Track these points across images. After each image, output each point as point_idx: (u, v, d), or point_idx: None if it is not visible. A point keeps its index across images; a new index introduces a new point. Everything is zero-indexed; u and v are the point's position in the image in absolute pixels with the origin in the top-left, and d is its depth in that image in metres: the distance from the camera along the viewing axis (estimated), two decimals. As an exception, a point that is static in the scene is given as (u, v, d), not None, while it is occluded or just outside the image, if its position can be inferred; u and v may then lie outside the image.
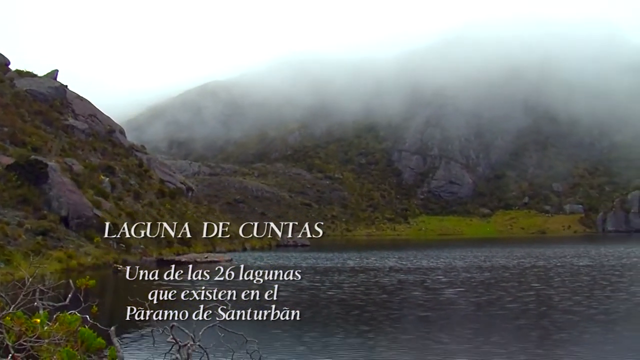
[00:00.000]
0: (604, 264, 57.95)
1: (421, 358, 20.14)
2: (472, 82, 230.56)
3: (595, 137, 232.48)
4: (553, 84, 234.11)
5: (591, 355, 20.21)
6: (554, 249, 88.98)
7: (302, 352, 20.34)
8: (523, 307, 30.87)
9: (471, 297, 35.08)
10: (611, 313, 28.70)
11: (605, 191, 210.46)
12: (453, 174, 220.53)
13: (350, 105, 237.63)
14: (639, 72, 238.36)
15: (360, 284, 41.01)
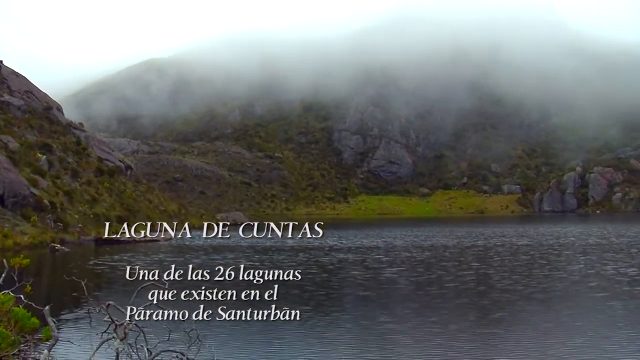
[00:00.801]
0: (542, 243, 58.47)
1: (361, 338, 19.80)
2: (418, 62, 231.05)
3: (533, 119, 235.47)
4: (499, 66, 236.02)
5: (530, 333, 20.18)
6: (493, 228, 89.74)
7: (240, 333, 19.86)
8: (463, 286, 30.82)
9: (411, 277, 34.94)
10: (549, 292, 28.83)
11: (542, 172, 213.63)
12: (393, 154, 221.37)
13: (298, 83, 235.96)
14: (581, 56, 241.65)
15: (300, 263, 40.58)
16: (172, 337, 11.67)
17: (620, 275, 33.80)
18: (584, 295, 27.63)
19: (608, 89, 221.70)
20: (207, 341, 12.10)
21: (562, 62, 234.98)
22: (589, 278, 33.08)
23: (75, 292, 14.53)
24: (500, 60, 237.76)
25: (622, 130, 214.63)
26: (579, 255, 46.73)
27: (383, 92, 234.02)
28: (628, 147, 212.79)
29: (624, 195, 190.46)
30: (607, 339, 19.06)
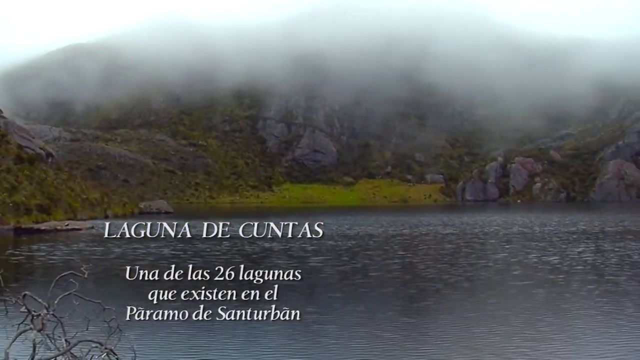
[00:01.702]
0: (467, 232, 58.90)
1: (284, 329, 19.32)
2: (350, 50, 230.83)
3: (457, 110, 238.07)
4: (429, 57, 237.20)
5: (455, 322, 19.98)
6: (418, 217, 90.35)
7: (160, 324, 19.26)
8: (388, 275, 30.66)
9: (337, 265, 34.56)
10: (474, 280, 28.85)
11: (465, 162, 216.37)
12: (317, 143, 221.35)
13: (231, 70, 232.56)
14: (507, 49, 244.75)
15: (224, 252, 39.95)
16: (92, 328, 11.06)
17: (543, 264, 34.05)
18: (508, 284, 27.63)
19: (532, 82, 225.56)
20: (127, 331, 11.56)
21: (489, 54, 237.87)
22: (512, 266, 33.24)
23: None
24: (430, 52, 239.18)
25: (543, 122, 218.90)
26: (503, 243, 47.13)
27: (311, 80, 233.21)
28: (548, 138, 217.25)
29: (543, 185, 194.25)
30: (532, 327, 19.05)
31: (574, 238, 50.70)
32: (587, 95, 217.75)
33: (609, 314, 21.03)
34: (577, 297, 24.43)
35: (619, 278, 28.72)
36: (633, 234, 55.64)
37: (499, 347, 16.74)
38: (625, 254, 38.34)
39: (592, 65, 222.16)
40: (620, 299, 23.61)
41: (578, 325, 19.35)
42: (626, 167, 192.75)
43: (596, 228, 62.56)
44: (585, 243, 46.05)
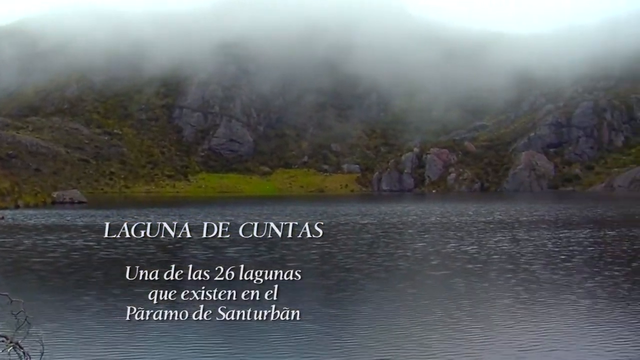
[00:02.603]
0: (385, 222, 59.14)
1: (204, 322, 18.91)
2: (274, 39, 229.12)
3: (373, 101, 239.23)
4: (352, 47, 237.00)
5: (374, 312, 19.92)
6: (336, 207, 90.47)
7: (73, 318, 18.74)
8: (306, 265, 30.37)
9: (254, 256, 34.16)
10: (392, 270, 28.91)
11: (382, 152, 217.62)
12: (234, 132, 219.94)
13: (156, 57, 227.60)
14: (427, 41, 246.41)
15: (139, 243, 39.18)
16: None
17: (461, 253, 34.36)
18: (427, 273, 27.74)
19: (451, 74, 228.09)
20: (36, 324, 11.18)
21: (410, 46, 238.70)
22: (431, 256, 33.43)
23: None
24: (354, 42, 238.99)
25: (460, 114, 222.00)
26: (422, 233, 47.45)
27: (232, 69, 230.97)
28: (463, 129, 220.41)
29: (458, 176, 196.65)
30: (451, 316, 19.13)
31: (490, 228, 51.38)
32: (503, 88, 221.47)
33: (526, 302, 21.33)
34: (494, 286, 24.69)
35: (534, 267, 29.17)
36: (547, 223, 56.72)
37: (419, 336, 16.71)
38: (540, 243, 38.99)
39: (508, 59, 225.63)
40: (536, 287, 23.98)
41: (496, 314, 19.49)
42: (537, 158, 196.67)
43: (511, 218, 63.57)
44: (501, 232, 46.68)
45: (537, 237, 42.99)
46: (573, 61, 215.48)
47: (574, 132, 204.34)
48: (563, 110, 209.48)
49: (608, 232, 46.40)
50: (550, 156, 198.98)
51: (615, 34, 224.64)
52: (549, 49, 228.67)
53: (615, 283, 24.94)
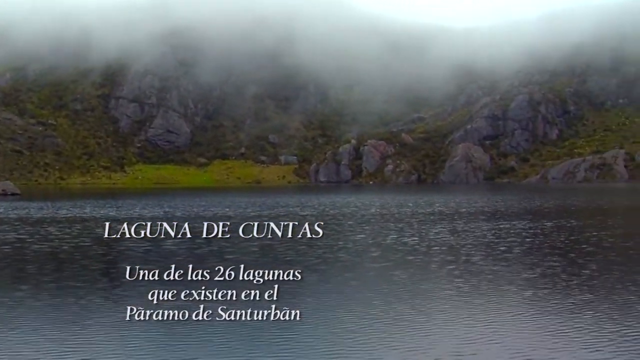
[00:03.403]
0: (325, 213, 59.03)
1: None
2: (219, 29, 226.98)
3: (310, 92, 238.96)
4: (296, 38, 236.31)
5: (315, 305, 19.63)
6: (275, 198, 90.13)
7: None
8: (245, 257, 30.01)
9: (193, 249, 33.65)
10: (333, 262, 28.62)
11: (319, 144, 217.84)
12: (171, 123, 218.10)
13: (102, 45, 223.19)
14: (370, 34, 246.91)
15: (75, 236, 38.46)
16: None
17: (402, 245, 34.34)
18: (368, 266, 27.57)
19: (392, 67, 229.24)
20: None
21: (352, 38, 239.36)
22: (371, 248, 33.33)
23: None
24: (298, 33, 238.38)
25: (399, 106, 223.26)
26: (362, 225, 47.38)
27: (166, 60, 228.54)
28: (401, 121, 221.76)
29: (395, 167, 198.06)
30: (394, 309, 18.99)
31: (430, 219, 51.60)
32: (443, 81, 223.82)
33: (467, 293, 21.27)
34: (436, 277, 24.69)
35: (475, 258, 29.25)
36: (486, 214, 57.20)
37: (360, 329, 16.55)
38: (480, 234, 39.23)
39: (449, 52, 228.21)
40: (477, 278, 24.01)
41: (438, 305, 19.42)
42: (474, 150, 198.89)
43: (451, 209, 64.01)
44: (441, 224, 46.89)
45: (476, 228, 43.27)
46: (510, 55, 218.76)
47: (510, 125, 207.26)
48: (499, 104, 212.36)
49: (546, 223, 46.95)
50: (486, 148, 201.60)
51: (552, 29, 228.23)
52: (488, 42, 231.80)
53: (555, 273, 25.14)
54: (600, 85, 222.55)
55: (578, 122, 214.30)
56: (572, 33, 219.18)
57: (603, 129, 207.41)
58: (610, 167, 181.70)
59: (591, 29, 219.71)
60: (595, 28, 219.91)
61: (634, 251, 32.93)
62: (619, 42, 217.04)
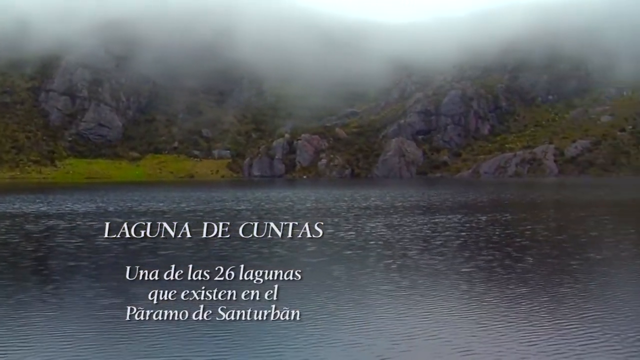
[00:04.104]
0: (261, 207, 58.78)
1: (67, 311, 18.26)
2: (158, 21, 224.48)
3: (245, 86, 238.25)
4: (234, 32, 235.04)
5: (249, 300, 19.31)
6: (210, 193, 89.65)
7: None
8: (180, 253, 29.66)
9: (127, 245, 33.09)
10: (269, 258, 28.20)
11: (253, 138, 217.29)
12: (103, 117, 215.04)
13: (39, 36, 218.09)
14: (306, 28, 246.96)
15: (3, 233, 37.59)
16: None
17: (339, 239, 34.24)
18: (303, 260, 27.31)
19: (327, 61, 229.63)
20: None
21: (289, 33, 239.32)
22: (308, 242, 33.13)
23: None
24: (235, 27, 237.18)
25: (334, 100, 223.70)
26: (299, 219, 47.22)
27: (98, 52, 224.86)
28: (334, 115, 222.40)
29: (329, 162, 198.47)
30: (332, 302, 18.99)
31: (367, 213, 51.70)
32: (378, 76, 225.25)
33: (405, 287, 21.32)
34: (373, 272, 24.60)
35: (412, 252, 29.33)
36: (421, 208, 57.56)
37: (298, 324, 16.40)
38: (417, 229, 39.42)
39: (384, 48, 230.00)
40: (414, 272, 24.12)
41: (376, 300, 19.37)
42: (407, 145, 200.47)
43: (387, 203, 64.29)
44: (377, 218, 47.03)
45: (412, 222, 43.47)
46: (445, 51, 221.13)
47: (443, 120, 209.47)
48: (432, 99, 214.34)
49: (480, 217, 47.37)
50: (419, 143, 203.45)
51: (486, 26, 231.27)
52: (423, 38, 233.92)
53: (491, 267, 25.38)
54: (531, 81, 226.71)
55: (509, 117, 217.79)
56: (505, 30, 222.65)
57: (533, 125, 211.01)
58: (540, 162, 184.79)
59: (524, 26, 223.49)
60: (528, 25, 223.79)
61: (567, 244, 33.36)
62: (550, 39, 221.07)
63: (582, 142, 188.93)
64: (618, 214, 55.02)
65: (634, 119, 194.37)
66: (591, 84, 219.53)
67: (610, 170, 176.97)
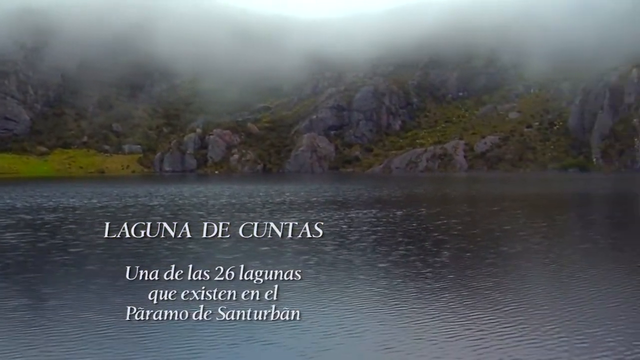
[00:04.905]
0: (175, 203, 58.19)
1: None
2: (68, 13, 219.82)
3: (155, 80, 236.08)
4: (150, 26, 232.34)
5: (172, 298, 19.03)
6: (122, 188, 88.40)
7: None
8: (88, 251, 29.30)
9: (35, 242, 32.31)
10: (185, 254, 27.85)
11: (164, 133, 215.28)
12: (9, 110, 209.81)
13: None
14: (223, 24, 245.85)
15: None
16: None
17: (254, 235, 33.85)
18: (217, 257, 26.95)
19: (242, 56, 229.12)
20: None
21: (207, 28, 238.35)
22: (223, 238, 32.74)
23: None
24: (152, 21, 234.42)
25: (245, 95, 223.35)
26: (213, 215, 46.78)
27: (4, 43, 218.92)
28: (247, 111, 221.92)
29: (240, 157, 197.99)
30: (245, 302, 18.62)
31: (282, 209, 51.52)
32: (293, 71, 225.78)
33: (322, 283, 21.29)
34: (289, 268, 24.34)
35: (328, 247, 29.15)
36: (337, 203, 57.68)
37: (228, 322, 16.23)
38: (333, 223, 39.47)
39: (300, 43, 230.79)
40: (331, 268, 24.07)
41: (292, 297, 19.22)
42: (319, 140, 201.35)
43: (302, 198, 64.32)
44: (293, 213, 46.93)
45: (328, 217, 43.52)
46: (359, 47, 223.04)
47: (355, 116, 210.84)
48: (344, 94, 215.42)
49: (396, 212, 47.75)
50: (331, 138, 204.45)
51: (401, 22, 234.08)
52: (338, 34, 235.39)
53: (408, 262, 25.48)
54: (441, 78, 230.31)
55: (420, 113, 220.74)
56: (420, 27, 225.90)
57: (444, 121, 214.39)
58: (451, 158, 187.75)
59: (438, 24, 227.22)
60: (442, 23, 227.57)
61: (481, 238, 33.89)
62: (463, 37, 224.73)
63: (491, 138, 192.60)
64: (528, 208, 56.16)
65: (540, 116, 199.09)
66: (500, 82, 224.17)
67: (518, 165, 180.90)
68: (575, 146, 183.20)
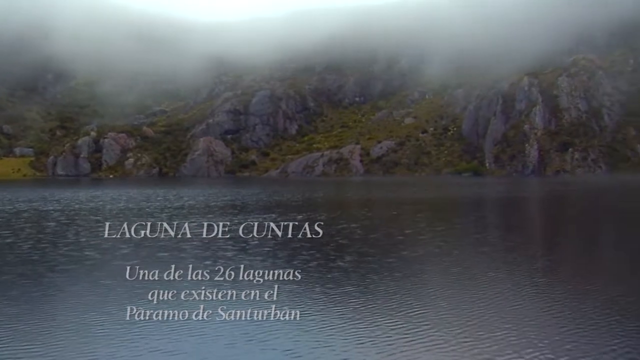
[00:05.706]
0: (71, 207, 57.01)
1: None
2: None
3: (49, 81, 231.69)
4: (52, 28, 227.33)
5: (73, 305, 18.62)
6: (14, 192, 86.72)
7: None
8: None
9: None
10: (83, 261, 27.32)
11: (57, 136, 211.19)
12: None
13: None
14: (121, 25, 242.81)
15: None
16: None
17: (157, 241, 33.37)
18: (116, 263, 26.33)
19: (141, 59, 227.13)
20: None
21: (105, 29, 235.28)
22: (121, 245, 32.18)
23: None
24: (50, 22, 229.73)
25: (142, 98, 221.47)
26: (111, 219, 45.89)
27: None
28: (142, 114, 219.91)
29: (136, 161, 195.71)
30: (149, 303, 18.29)
31: (182, 213, 50.94)
32: (192, 75, 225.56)
33: (227, 286, 20.92)
34: (192, 272, 24.13)
35: (229, 253, 28.93)
36: (236, 208, 57.47)
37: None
38: (234, 228, 39.18)
39: (200, 47, 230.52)
40: (233, 273, 23.74)
41: (200, 301, 18.98)
42: (215, 144, 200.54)
43: (201, 203, 64.02)
44: (192, 218, 46.40)
45: (228, 222, 43.21)
46: (258, 51, 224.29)
47: (251, 120, 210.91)
48: (241, 98, 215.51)
49: (297, 216, 47.62)
50: (228, 142, 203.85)
51: (301, 27, 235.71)
52: (238, 37, 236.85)
53: (310, 267, 25.30)
54: (338, 83, 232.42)
55: (317, 118, 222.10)
56: (319, 32, 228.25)
57: (340, 125, 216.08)
58: (347, 162, 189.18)
59: (338, 29, 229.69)
60: (342, 28, 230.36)
61: (383, 242, 34.09)
62: (362, 42, 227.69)
63: (387, 142, 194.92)
64: (427, 212, 57.01)
65: (435, 121, 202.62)
66: (397, 87, 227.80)
67: (413, 169, 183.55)
68: (469, 151, 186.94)
